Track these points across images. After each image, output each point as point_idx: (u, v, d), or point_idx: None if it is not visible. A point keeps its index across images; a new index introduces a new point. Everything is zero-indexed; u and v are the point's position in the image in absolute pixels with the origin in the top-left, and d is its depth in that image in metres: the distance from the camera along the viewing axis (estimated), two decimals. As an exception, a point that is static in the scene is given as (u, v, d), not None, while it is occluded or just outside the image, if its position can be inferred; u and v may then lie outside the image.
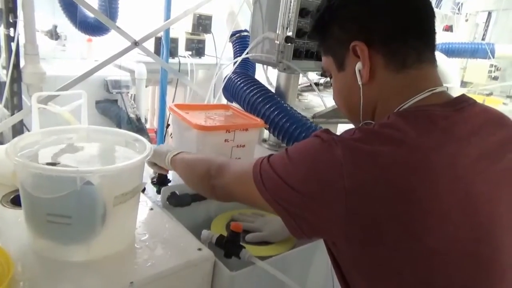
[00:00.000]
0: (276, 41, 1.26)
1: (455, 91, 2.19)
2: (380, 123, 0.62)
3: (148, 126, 3.76)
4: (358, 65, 0.69)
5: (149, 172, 1.23)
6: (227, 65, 1.54)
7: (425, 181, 0.56)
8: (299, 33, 1.27)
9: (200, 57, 3.45)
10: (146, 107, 3.90)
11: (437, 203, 0.56)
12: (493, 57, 3.30)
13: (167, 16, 2.33)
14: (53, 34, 2.88)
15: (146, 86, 3.28)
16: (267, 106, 1.30)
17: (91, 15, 2.49)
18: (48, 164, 0.81)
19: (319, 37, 0.76)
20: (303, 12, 1.25)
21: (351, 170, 0.56)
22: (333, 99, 0.81)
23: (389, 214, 0.56)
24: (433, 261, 0.57)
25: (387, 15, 0.67)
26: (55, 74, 2.29)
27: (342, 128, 1.85)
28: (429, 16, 0.69)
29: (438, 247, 0.56)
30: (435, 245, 0.56)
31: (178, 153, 0.93)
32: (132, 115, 2.79)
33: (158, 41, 2.91)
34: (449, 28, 5.33)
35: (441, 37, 3.99)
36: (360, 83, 0.69)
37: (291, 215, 0.62)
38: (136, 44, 1.84)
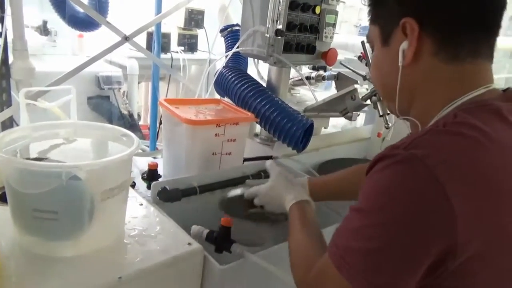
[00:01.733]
0: (266, 34, 1.25)
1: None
2: (450, 121, 0.57)
3: (141, 122, 3.74)
4: (403, 45, 0.62)
5: (139, 168, 1.23)
6: (218, 60, 1.53)
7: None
8: (290, 26, 1.26)
9: (192, 53, 3.44)
10: (140, 103, 3.88)
11: None
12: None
13: (158, 10, 2.31)
14: (43, 30, 2.84)
15: (139, 82, 3.26)
16: (258, 100, 1.29)
17: (81, 10, 2.46)
18: (34, 159, 0.80)
19: (372, 1, 0.70)
20: (293, 5, 1.24)
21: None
22: (369, 72, 0.76)
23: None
24: None
25: None
26: (45, 70, 2.26)
27: (334, 121, 1.85)
28: (497, 8, 0.61)
29: None
30: None
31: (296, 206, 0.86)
32: (124, 112, 2.77)
33: (150, 36, 2.89)
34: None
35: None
36: (400, 64, 0.64)
37: None
38: (126, 39, 1.83)
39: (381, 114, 1.23)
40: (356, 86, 1.31)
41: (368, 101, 1.27)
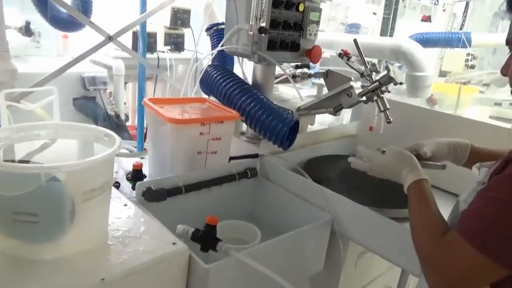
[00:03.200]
0: (249, 32, 1.25)
1: (432, 80, 2.21)
2: None
3: (129, 123, 3.70)
4: None
5: (124, 168, 1.22)
6: (203, 58, 1.52)
7: None
8: (273, 23, 1.26)
9: (179, 52, 3.42)
10: (128, 103, 3.84)
11: None
12: (470, 46, 3.35)
13: (143, 9, 2.29)
14: (25, 31, 2.79)
15: (126, 83, 3.23)
16: (243, 98, 1.29)
17: (64, 10, 2.43)
18: (19, 161, 0.79)
19: None
20: (276, 2, 1.24)
21: None
22: (503, 72, 0.79)
23: None
24: None
25: None
26: (29, 71, 2.23)
27: (320, 118, 1.85)
28: None
29: None
30: None
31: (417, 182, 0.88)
32: (111, 112, 2.74)
33: (135, 36, 2.86)
34: (427, 19, 5.40)
35: (419, 28, 4.04)
36: None
37: None
38: (110, 38, 1.81)
39: (382, 109, 1.23)
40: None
41: (363, 98, 1.27)
